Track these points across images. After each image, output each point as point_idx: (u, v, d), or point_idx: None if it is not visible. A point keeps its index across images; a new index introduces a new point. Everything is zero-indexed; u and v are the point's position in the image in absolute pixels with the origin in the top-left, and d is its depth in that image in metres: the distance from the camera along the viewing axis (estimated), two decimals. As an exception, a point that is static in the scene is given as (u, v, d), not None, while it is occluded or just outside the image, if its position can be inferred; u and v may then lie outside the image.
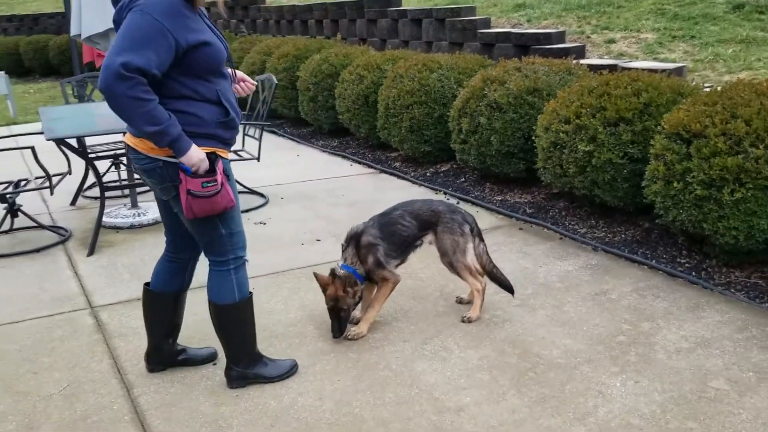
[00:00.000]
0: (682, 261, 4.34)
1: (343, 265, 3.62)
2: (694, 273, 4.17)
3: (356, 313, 3.78)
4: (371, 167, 7.34)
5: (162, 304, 3.27)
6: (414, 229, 3.74)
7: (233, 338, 3.15)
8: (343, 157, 7.87)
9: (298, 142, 8.88)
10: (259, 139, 6.17)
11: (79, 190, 6.49)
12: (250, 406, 3.05)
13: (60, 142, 5.14)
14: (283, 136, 9.30)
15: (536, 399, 3.02)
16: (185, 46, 2.69)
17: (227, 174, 2.91)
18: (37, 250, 5.20)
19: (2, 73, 12.03)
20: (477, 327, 3.69)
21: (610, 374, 3.18)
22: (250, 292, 3.14)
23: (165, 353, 3.35)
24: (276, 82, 6.35)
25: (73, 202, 6.42)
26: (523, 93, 5.47)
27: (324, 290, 3.57)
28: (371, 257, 3.62)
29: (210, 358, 3.43)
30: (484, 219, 5.45)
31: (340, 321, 3.56)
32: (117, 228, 5.66)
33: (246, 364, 3.17)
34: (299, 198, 6.34)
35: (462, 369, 3.28)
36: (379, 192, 6.37)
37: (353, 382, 3.20)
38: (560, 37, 7.07)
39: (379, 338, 3.62)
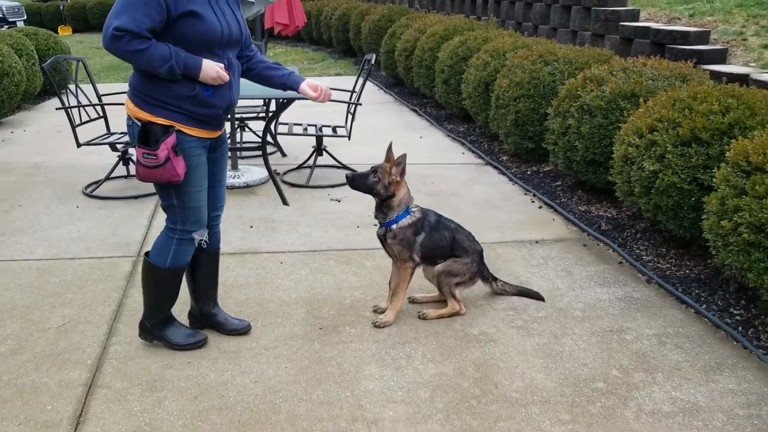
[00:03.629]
0: (735, 312, 3.71)
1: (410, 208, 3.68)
2: (741, 328, 3.56)
3: (382, 304, 3.80)
4: (480, 158, 7.11)
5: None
6: (448, 249, 3.74)
7: (151, 296, 3.33)
8: (462, 143, 7.70)
9: (431, 123, 8.82)
10: (352, 119, 6.24)
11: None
12: (192, 374, 3.18)
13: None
14: (421, 116, 9.29)
15: (458, 430, 2.80)
16: (174, 14, 2.82)
17: (178, 150, 2.98)
18: (135, 197, 5.77)
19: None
20: (456, 341, 3.48)
21: (556, 422, 2.85)
22: (181, 267, 3.26)
23: (196, 312, 3.55)
24: (373, 61, 6.33)
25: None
26: (618, 97, 4.95)
27: (385, 163, 3.59)
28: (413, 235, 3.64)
29: (240, 329, 3.53)
30: (555, 229, 5.07)
31: (363, 185, 3.60)
32: (211, 186, 6.07)
33: (154, 324, 3.36)
34: (389, 180, 6.33)
35: (408, 382, 3.13)
36: (466, 186, 6.16)
37: (296, 373, 3.20)
38: (701, 37, 6.23)
39: (354, 333, 3.56)
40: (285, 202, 5.67)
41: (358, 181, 3.60)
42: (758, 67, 5.78)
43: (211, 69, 2.93)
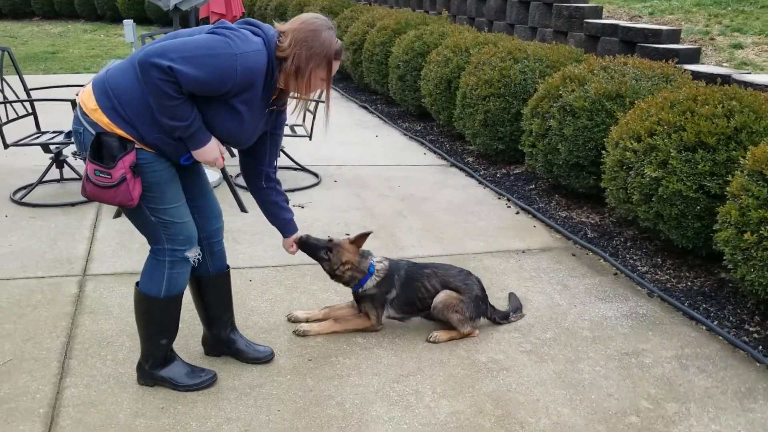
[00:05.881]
0: (751, 329, 3.51)
1: (374, 263, 3.40)
2: (761, 347, 3.36)
3: (299, 313, 3.50)
4: (444, 159, 6.78)
5: (191, 287, 3.02)
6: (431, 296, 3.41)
7: (148, 333, 2.84)
8: (421, 143, 7.36)
9: (385, 121, 8.44)
10: (313, 117, 5.79)
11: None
12: (169, 423, 2.70)
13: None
14: (373, 113, 8.90)
15: (491, 482, 2.45)
16: (224, 97, 2.49)
17: (137, 170, 2.52)
18: (73, 204, 5.14)
19: (130, 21, 12.38)
20: (465, 371, 3.13)
21: (597, 467, 2.54)
22: (179, 294, 2.79)
23: (210, 339, 3.14)
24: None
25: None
26: (602, 97, 4.71)
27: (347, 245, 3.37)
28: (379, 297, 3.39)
29: (263, 358, 3.12)
30: (538, 236, 4.79)
31: (311, 254, 3.36)
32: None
33: (154, 365, 2.87)
34: (353, 183, 5.93)
35: (422, 424, 2.75)
36: (436, 188, 5.82)
37: (292, 417, 2.77)
38: (673, 35, 6.11)
39: (349, 365, 3.15)
40: (243, 209, 5.11)
41: (309, 248, 3.32)
42: (732, 67, 5.69)
43: (212, 153, 2.61)
